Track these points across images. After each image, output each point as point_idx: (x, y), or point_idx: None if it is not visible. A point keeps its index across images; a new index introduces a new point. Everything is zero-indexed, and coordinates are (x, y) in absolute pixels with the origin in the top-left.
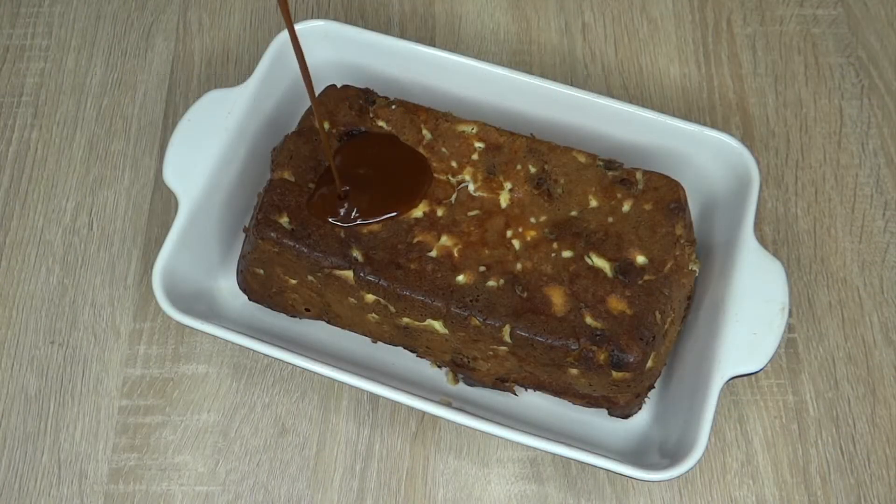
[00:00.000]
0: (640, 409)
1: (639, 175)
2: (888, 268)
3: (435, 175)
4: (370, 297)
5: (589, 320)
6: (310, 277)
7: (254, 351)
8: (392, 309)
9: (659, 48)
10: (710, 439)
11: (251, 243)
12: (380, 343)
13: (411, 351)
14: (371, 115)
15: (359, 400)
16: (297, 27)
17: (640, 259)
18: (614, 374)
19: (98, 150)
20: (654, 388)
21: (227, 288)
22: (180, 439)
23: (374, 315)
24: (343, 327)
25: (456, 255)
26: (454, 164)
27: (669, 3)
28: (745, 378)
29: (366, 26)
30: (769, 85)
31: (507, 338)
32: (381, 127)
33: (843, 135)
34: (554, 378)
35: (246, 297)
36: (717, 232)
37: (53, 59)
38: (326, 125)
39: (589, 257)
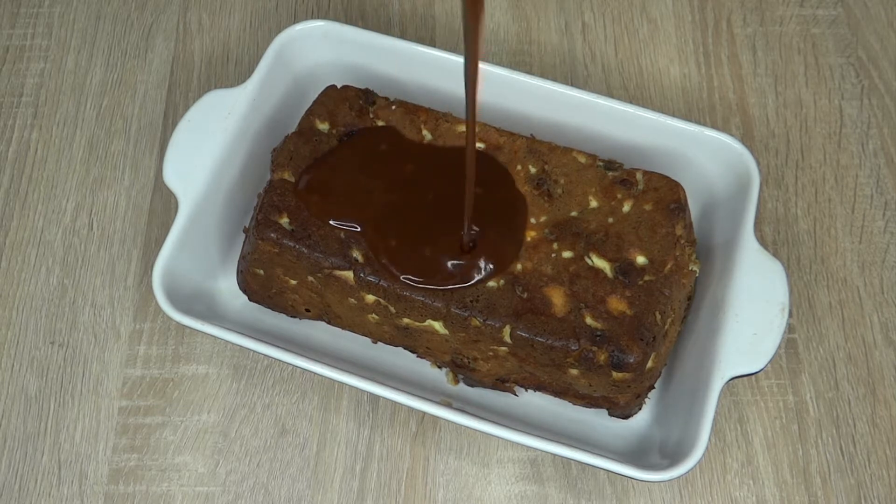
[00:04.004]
0: (640, 409)
1: (639, 175)
2: (888, 268)
3: None
4: (370, 298)
5: (589, 321)
6: (310, 278)
7: (254, 351)
8: (392, 309)
9: (659, 48)
10: (710, 440)
11: (251, 244)
12: (380, 343)
13: (411, 351)
14: (371, 115)
15: (359, 400)
16: (297, 27)
17: (641, 259)
18: (614, 374)
19: (98, 151)
20: (654, 388)
21: (227, 288)
22: (180, 440)
23: (374, 315)
24: (343, 328)
25: None
26: None
27: (669, 3)
28: (745, 378)
29: (366, 26)
30: (769, 85)
31: (507, 338)
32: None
33: (843, 135)
34: (554, 378)
35: (246, 298)
36: (717, 232)
37: (53, 59)
38: (326, 125)
39: (589, 258)
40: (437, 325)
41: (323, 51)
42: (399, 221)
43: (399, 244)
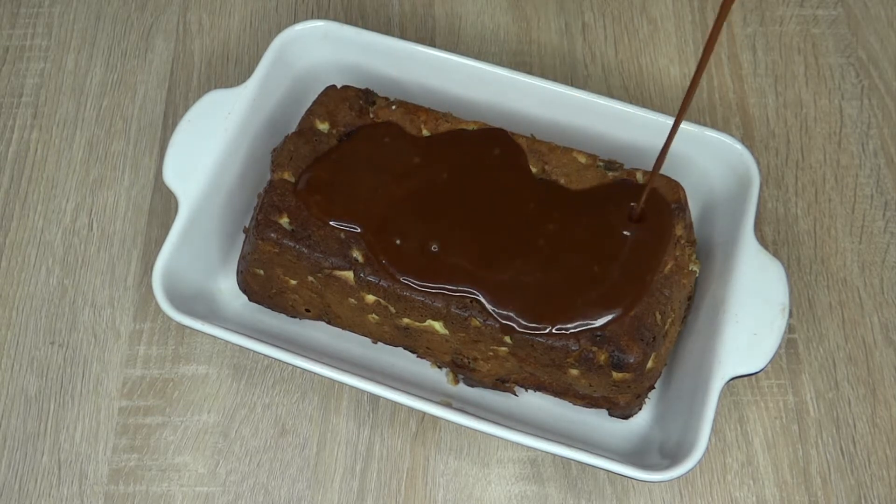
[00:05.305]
0: (640, 409)
1: (639, 175)
2: (888, 268)
3: None
4: (370, 298)
5: None
6: (310, 278)
7: (254, 352)
8: (392, 309)
9: (659, 48)
10: (710, 440)
11: (251, 244)
12: (380, 344)
13: (411, 351)
14: (371, 115)
15: (359, 400)
16: (297, 27)
17: None
18: (615, 374)
19: (98, 151)
20: (654, 388)
21: (228, 288)
22: (180, 440)
23: (374, 316)
24: (343, 328)
25: None
26: None
27: (669, 3)
28: (745, 378)
29: (366, 26)
30: (769, 85)
31: (507, 338)
32: None
33: (843, 135)
34: (554, 379)
35: (246, 298)
36: (717, 232)
37: (53, 59)
38: (326, 125)
39: None
40: (438, 326)
41: (323, 51)
42: (400, 221)
43: (402, 245)
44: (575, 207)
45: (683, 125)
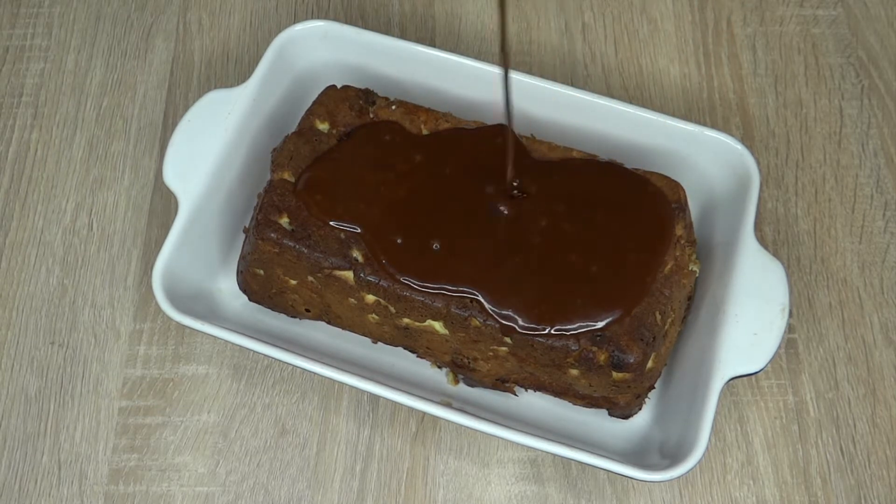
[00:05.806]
0: (640, 409)
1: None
2: (888, 268)
3: None
4: (370, 298)
5: None
6: (310, 278)
7: (254, 352)
8: (392, 309)
9: (659, 48)
10: (710, 440)
11: (251, 244)
12: (380, 343)
13: (411, 351)
14: (371, 115)
15: (359, 400)
16: (297, 27)
17: None
18: (615, 374)
19: (98, 151)
20: (654, 388)
21: (228, 288)
22: (180, 440)
23: (374, 316)
24: (343, 328)
25: None
26: None
27: (669, 3)
28: (745, 378)
29: (366, 27)
30: (769, 85)
31: (507, 339)
32: None
33: (843, 135)
34: (554, 379)
35: (246, 298)
36: (717, 232)
37: (53, 59)
38: (326, 125)
39: None
40: (438, 326)
41: (323, 51)
42: (400, 221)
43: (402, 245)
44: (576, 205)
45: (683, 125)
